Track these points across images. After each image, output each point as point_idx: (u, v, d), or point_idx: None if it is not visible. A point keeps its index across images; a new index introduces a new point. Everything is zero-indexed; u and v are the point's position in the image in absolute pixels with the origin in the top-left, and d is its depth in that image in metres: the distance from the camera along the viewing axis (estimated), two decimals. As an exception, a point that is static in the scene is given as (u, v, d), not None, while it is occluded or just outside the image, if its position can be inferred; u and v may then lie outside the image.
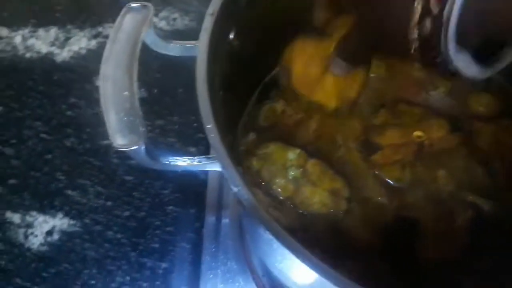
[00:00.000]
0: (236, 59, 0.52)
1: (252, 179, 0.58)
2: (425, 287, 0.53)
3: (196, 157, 0.39)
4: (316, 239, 0.55)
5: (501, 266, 0.54)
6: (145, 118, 0.75)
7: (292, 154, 0.58)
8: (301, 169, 0.57)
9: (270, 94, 0.63)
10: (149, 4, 0.43)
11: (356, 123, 0.62)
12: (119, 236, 0.69)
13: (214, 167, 0.39)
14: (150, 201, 0.71)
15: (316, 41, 0.61)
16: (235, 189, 0.36)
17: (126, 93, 0.38)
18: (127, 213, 0.70)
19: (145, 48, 0.49)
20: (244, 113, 0.63)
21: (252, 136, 0.61)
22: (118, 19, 0.42)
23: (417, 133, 0.58)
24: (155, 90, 0.81)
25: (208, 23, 0.42)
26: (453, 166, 0.59)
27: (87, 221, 0.70)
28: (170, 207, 0.71)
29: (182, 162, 0.40)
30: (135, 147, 0.36)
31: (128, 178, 0.73)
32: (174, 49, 0.45)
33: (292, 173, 0.57)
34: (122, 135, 0.36)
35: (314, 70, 0.60)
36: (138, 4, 0.43)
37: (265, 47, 0.59)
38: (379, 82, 0.65)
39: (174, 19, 0.91)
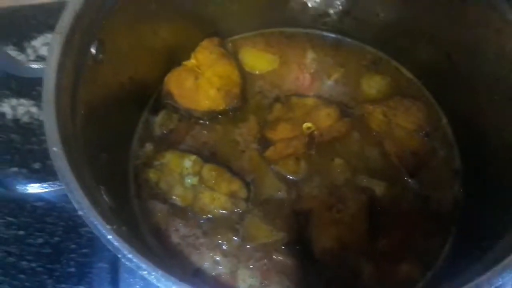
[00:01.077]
0: (111, 72, 0.52)
1: (151, 192, 0.58)
2: (329, 276, 0.54)
3: (49, 183, 0.38)
4: (218, 243, 0.55)
5: (396, 247, 0.55)
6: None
7: (188, 161, 0.58)
8: (198, 176, 0.57)
9: (164, 103, 0.62)
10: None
11: (252, 121, 0.62)
12: (33, 265, 0.67)
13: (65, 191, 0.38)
14: (63, 225, 0.69)
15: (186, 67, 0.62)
16: (80, 212, 0.35)
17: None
18: (40, 240, 0.68)
19: None
20: (139, 124, 0.62)
21: (148, 146, 0.61)
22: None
23: (307, 124, 0.59)
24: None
25: (55, 42, 0.41)
26: (348, 152, 0.60)
27: (-1, 254, 0.68)
28: (85, 229, 0.69)
29: (35, 189, 0.39)
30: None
31: (39, 204, 0.71)
32: (27, 71, 0.44)
33: (189, 181, 0.57)
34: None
35: (189, 84, 0.60)
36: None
37: (147, 58, 0.59)
38: (274, 76, 0.65)
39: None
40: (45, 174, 0.74)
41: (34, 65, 0.44)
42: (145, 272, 0.34)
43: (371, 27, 0.63)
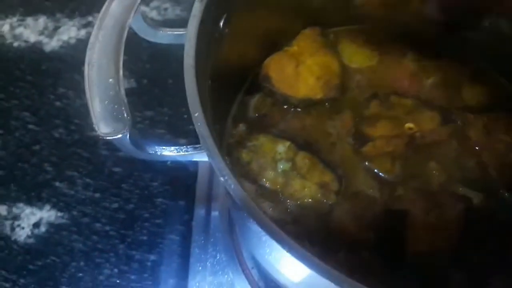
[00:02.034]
0: (227, 48, 0.52)
1: (242, 171, 0.57)
2: (415, 280, 0.53)
3: (183, 147, 0.38)
4: (306, 232, 0.55)
5: (490, 259, 0.54)
6: (135, 109, 0.76)
7: (282, 147, 0.57)
8: (290, 162, 0.56)
9: (261, 86, 0.62)
10: (134, -8, 0.42)
11: (347, 114, 0.61)
12: (107, 228, 0.68)
13: (202, 157, 0.38)
14: (139, 193, 0.70)
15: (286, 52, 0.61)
16: (222, 179, 0.35)
17: (111, 80, 0.37)
18: (115, 205, 0.70)
19: (135, 38, 0.48)
20: (234, 104, 0.62)
21: (242, 127, 0.61)
22: (105, 5, 0.41)
23: (409, 125, 0.57)
24: (145, 81, 0.80)
25: (196, 10, 0.41)
26: (444, 158, 0.58)
27: (74, 213, 0.69)
28: (159, 199, 0.70)
29: (168, 152, 0.39)
30: (119, 136, 0.35)
31: (116, 169, 0.72)
32: (163, 36, 0.45)
33: (281, 166, 0.56)
34: (106, 123, 0.35)
35: (289, 70, 0.59)
36: (122, -10, 0.41)
37: (254, 39, 0.59)
38: (372, 73, 0.64)
39: (165, 9, 0.90)
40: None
41: (169, 31, 0.43)
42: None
43: (477, 38, 0.62)
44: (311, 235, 0.55)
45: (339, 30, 0.67)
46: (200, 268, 0.65)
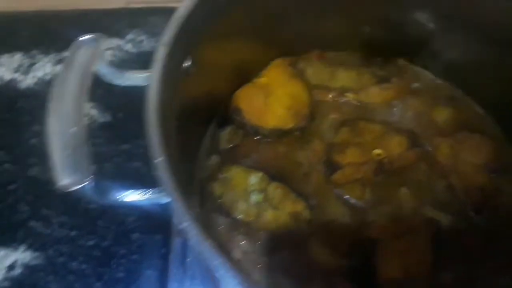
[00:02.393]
0: (195, 85, 0.52)
1: (215, 205, 0.58)
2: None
3: (150, 190, 0.39)
4: (280, 263, 0.55)
5: (463, 278, 0.55)
6: (111, 142, 0.76)
7: (254, 178, 0.58)
8: (263, 193, 0.57)
9: (232, 118, 0.63)
10: (101, 36, 0.43)
11: (317, 143, 0.62)
12: (83, 266, 0.67)
13: (165, 200, 0.38)
14: (114, 229, 0.70)
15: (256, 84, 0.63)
16: (182, 225, 0.35)
17: (74, 129, 0.37)
18: (91, 243, 0.69)
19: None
20: (205, 137, 0.62)
21: (214, 159, 0.61)
22: (69, 53, 0.41)
23: (377, 151, 0.59)
24: (120, 114, 0.80)
25: (160, 55, 0.42)
26: (414, 182, 0.59)
27: (50, 252, 0.68)
28: (136, 234, 0.69)
29: (133, 197, 0.39)
30: (79, 187, 0.35)
31: (92, 206, 0.71)
32: (128, 79, 0.45)
33: (254, 197, 0.57)
34: (66, 174, 0.35)
35: (259, 101, 0.61)
36: (88, 37, 0.42)
37: (223, 73, 0.60)
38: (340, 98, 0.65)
39: (141, 41, 0.90)
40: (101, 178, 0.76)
41: (133, 74, 0.44)
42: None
43: (446, 62, 0.64)
44: (284, 266, 0.55)
45: (308, 56, 0.68)
46: (178, 302, 0.64)
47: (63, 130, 0.37)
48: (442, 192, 0.59)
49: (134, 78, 0.44)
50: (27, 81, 0.85)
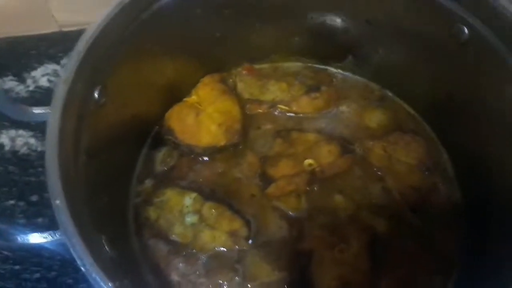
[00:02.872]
0: (114, 113, 0.52)
1: (152, 231, 0.57)
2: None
3: (54, 232, 0.38)
4: (219, 283, 0.55)
5: (402, 283, 0.55)
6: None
7: (188, 199, 0.57)
8: (198, 214, 0.57)
9: (165, 139, 0.62)
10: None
11: (251, 156, 0.62)
12: (30, 301, 0.66)
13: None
14: (60, 259, 0.68)
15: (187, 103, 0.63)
16: (83, 269, 0.35)
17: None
18: (37, 275, 0.68)
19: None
20: (138, 161, 0.62)
21: (148, 183, 0.60)
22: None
23: (308, 161, 0.59)
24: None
25: (60, 92, 0.41)
26: (350, 188, 0.60)
27: (-5, 290, 0.67)
28: (82, 263, 0.68)
29: (36, 238, 0.39)
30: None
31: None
32: (34, 116, 0.44)
33: (189, 219, 0.57)
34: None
35: (190, 120, 0.60)
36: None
37: (146, 97, 0.59)
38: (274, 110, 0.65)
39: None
40: (43, 207, 0.74)
41: (38, 111, 0.43)
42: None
43: (373, 66, 0.64)
44: (223, 285, 0.55)
45: (237, 71, 0.67)
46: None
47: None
48: (379, 196, 0.60)
49: (39, 114, 0.43)
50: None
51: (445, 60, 0.57)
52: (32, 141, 0.77)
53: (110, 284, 0.34)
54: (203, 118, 0.61)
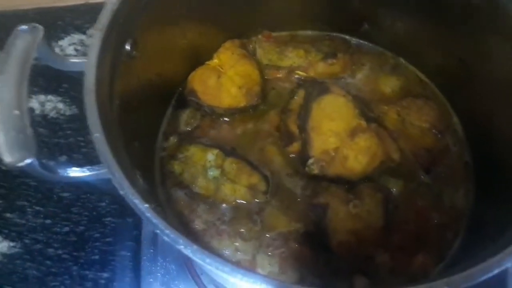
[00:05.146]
0: (142, 68, 0.55)
1: (175, 181, 0.61)
2: (344, 266, 0.56)
3: (95, 167, 0.41)
4: (239, 230, 0.58)
5: (413, 238, 0.58)
6: (78, 134, 0.79)
7: (211, 155, 0.60)
8: (219, 169, 0.60)
9: (188, 100, 0.65)
10: (38, 26, 0.45)
11: (271, 117, 0.64)
12: (59, 252, 0.70)
13: (105, 175, 0.41)
14: (88, 215, 0.73)
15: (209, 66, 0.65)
16: (121, 192, 0.38)
17: (16, 112, 0.40)
18: (66, 229, 0.72)
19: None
20: (163, 119, 0.65)
21: (173, 139, 0.64)
22: (8, 42, 0.44)
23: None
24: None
25: (95, 39, 0.45)
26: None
27: (27, 241, 0.71)
28: (108, 219, 0.72)
29: (76, 173, 0.42)
30: (24, 163, 0.38)
31: (65, 194, 0.74)
32: (71, 65, 0.48)
33: (211, 173, 0.60)
34: (11, 153, 0.38)
35: (212, 82, 0.63)
36: (26, 26, 0.45)
37: (172, 57, 0.62)
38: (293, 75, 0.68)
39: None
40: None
41: (75, 60, 0.47)
42: (182, 246, 0.36)
43: (388, 34, 0.66)
44: (243, 233, 0.58)
45: (258, 37, 0.70)
46: (151, 280, 0.67)
47: (7, 114, 0.39)
48: (393, 156, 0.62)
49: (75, 64, 0.46)
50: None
51: (457, 26, 0.59)
52: (60, 105, 0.81)
53: (146, 205, 0.37)
54: (224, 80, 0.64)
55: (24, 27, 0.44)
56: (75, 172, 0.41)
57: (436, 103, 0.65)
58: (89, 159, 0.77)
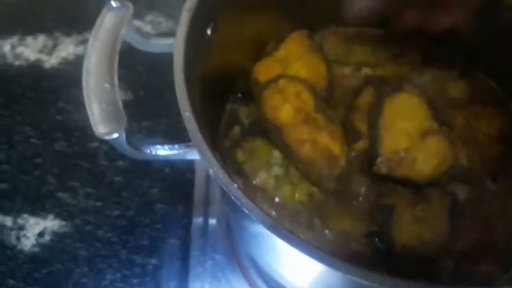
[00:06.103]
0: (215, 54, 0.55)
1: (235, 168, 0.59)
2: (406, 270, 0.55)
3: (176, 145, 0.41)
4: (298, 229, 0.57)
5: (478, 246, 0.56)
6: (132, 119, 0.79)
7: (278, 153, 0.59)
8: (284, 168, 0.59)
9: (252, 90, 0.65)
10: (129, 4, 0.45)
11: (340, 111, 0.62)
12: (109, 235, 0.70)
13: (193, 154, 0.40)
14: (138, 200, 0.73)
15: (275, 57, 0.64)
16: (211, 171, 0.37)
17: (107, 85, 0.40)
18: (116, 213, 0.72)
19: (131, 51, 0.51)
20: (227, 108, 0.64)
21: (237, 129, 0.63)
22: (99, 17, 0.44)
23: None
24: (142, 93, 0.83)
25: (184, 19, 0.44)
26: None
27: (77, 221, 0.71)
28: (159, 205, 0.72)
29: (163, 151, 0.42)
30: (116, 135, 0.38)
31: (116, 179, 0.74)
32: (154, 46, 0.48)
33: (275, 170, 0.59)
34: (104, 124, 0.38)
35: (277, 73, 0.61)
36: (118, 4, 0.45)
37: (242, 45, 0.62)
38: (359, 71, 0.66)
39: (159, 23, 0.93)
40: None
41: (159, 41, 0.47)
42: (269, 226, 0.35)
43: (458, 38, 0.65)
44: (301, 230, 0.57)
45: (326, 31, 0.69)
46: (200, 269, 0.67)
47: (98, 86, 0.39)
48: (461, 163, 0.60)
49: (160, 45, 0.46)
50: (51, 61, 0.88)
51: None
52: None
53: (235, 185, 0.36)
54: (289, 73, 0.63)
55: (115, 4, 0.44)
56: (161, 150, 0.41)
57: (505, 112, 0.63)
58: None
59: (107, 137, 0.38)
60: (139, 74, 0.84)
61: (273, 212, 0.57)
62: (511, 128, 0.62)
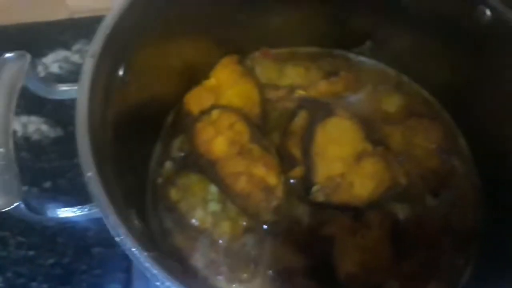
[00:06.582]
0: (135, 92, 0.51)
1: (168, 207, 0.56)
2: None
3: (83, 207, 0.38)
4: (239, 266, 0.54)
5: (424, 265, 0.55)
6: (63, 157, 0.74)
7: (214, 188, 0.57)
8: (221, 204, 0.56)
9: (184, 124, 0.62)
10: (26, 53, 0.41)
11: (275, 136, 0.61)
12: (44, 286, 0.65)
13: (97, 215, 0.37)
14: (74, 245, 0.68)
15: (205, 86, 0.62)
16: (117, 239, 0.34)
17: (1, 150, 0.36)
18: (51, 261, 0.67)
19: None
20: (157, 143, 0.61)
21: (168, 164, 0.60)
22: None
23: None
24: (71, 128, 0.78)
25: (87, 66, 0.41)
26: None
27: (9, 275, 0.66)
28: (96, 249, 0.68)
29: (67, 213, 0.38)
30: (11, 207, 0.34)
31: (49, 224, 0.69)
32: (62, 93, 0.44)
33: (212, 206, 0.56)
34: (-1, 195, 0.34)
35: (209, 104, 0.60)
36: (13, 54, 0.41)
37: (167, 78, 0.59)
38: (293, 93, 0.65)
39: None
40: (56, 193, 0.74)
41: (64, 87, 0.43)
42: None
43: (391, 51, 0.64)
44: (243, 269, 0.54)
45: (257, 54, 0.67)
46: (144, 313, 0.63)
47: (-10, 153, 0.35)
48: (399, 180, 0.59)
49: (65, 91, 0.43)
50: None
51: (465, 44, 0.57)
52: (44, 127, 0.76)
53: (145, 254, 0.33)
54: (222, 102, 0.60)
55: (10, 54, 0.40)
56: (64, 213, 0.37)
57: (442, 123, 0.63)
58: (74, 185, 0.72)
59: (3, 209, 0.34)
60: (67, 109, 0.79)
61: (220, 258, 0.55)
62: (447, 140, 0.62)
